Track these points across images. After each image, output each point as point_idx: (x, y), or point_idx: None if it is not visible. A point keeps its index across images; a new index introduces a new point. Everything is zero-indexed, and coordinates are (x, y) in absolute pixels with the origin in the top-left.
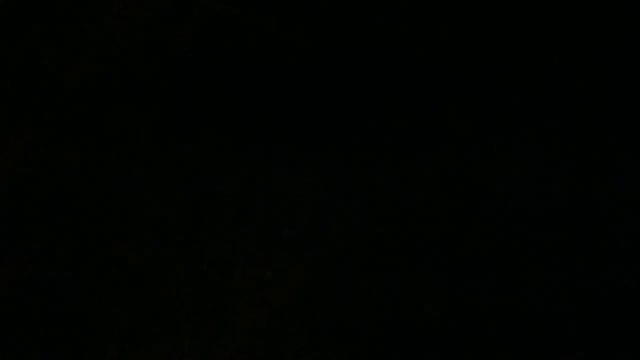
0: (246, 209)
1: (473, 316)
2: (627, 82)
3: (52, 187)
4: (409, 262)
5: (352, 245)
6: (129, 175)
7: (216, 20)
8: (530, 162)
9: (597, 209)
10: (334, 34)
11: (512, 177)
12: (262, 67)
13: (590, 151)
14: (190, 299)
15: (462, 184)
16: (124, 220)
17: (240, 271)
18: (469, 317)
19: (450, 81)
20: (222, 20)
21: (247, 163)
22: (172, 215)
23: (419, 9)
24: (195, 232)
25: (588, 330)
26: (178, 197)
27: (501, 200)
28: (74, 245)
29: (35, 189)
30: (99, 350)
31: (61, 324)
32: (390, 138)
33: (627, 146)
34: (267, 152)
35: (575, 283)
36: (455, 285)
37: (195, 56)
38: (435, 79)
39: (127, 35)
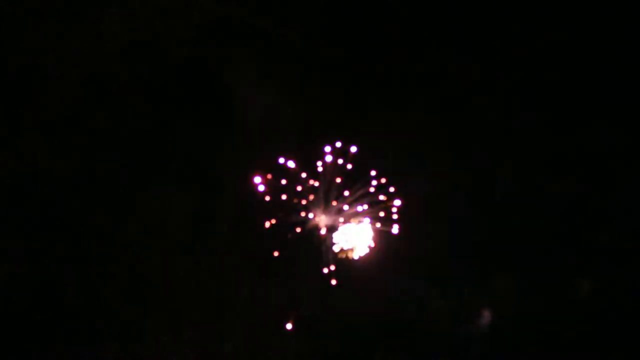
0: (246, 208)
1: (473, 315)
2: (627, 82)
3: (52, 187)
4: (409, 263)
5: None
6: (129, 176)
7: (216, 20)
8: (530, 163)
9: (597, 209)
10: (333, 34)
11: (512, 177)
12: (261, 67)
13: (590, 151)
14: (190, 299)
15: (468, 186)
16: (124, 221)
17: (240, 272)
18: (469, 317)
19: (451, 81)
20: (222, 20)
21: (247, 162)
22: (172, 215)
23: (420, 10)
24: (195, 232)
25: (588, 330)
26: (178, 197)
27: (504, 201)
28: (74, 245)
29: (35, 189)
30: (99, 349)
31: (61, 323)
32: (390, 138)
33: (628, 150)
34: (267, 152)
35: (575, 283)
36: (456, 285)
37: (195, 56)
38: (435, 79)
39: (127, 35)
